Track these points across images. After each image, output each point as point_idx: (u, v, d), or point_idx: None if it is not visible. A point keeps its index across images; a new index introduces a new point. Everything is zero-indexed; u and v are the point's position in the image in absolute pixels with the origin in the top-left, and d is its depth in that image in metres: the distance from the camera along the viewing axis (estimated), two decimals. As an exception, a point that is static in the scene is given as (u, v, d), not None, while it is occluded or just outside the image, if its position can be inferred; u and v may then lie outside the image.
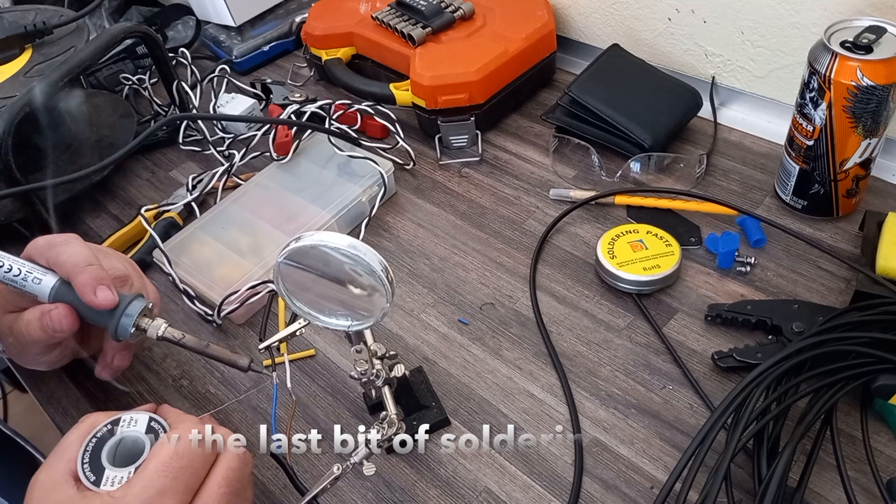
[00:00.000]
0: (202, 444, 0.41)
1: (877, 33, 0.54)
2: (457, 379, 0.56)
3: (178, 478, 0.39)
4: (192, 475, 0.40)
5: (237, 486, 0.41)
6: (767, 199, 0.66)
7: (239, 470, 0.42)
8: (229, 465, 0.42)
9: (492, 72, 0.74)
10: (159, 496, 0.38)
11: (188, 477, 0.40)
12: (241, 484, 0.42)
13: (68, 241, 0.50)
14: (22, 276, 0.48)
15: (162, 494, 0.38)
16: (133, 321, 0.48)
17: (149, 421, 0.43)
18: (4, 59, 0.75)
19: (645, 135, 0.69)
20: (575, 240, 0.65)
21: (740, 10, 0.70)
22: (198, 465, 0.40)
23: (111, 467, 0.40)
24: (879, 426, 0.49)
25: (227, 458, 0.42)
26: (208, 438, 0.42)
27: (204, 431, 0.42)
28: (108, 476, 0.40)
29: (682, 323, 0.57)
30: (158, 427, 0.43)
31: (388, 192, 0.71)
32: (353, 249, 0.41)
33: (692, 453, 0.44)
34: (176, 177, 0.80)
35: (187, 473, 0.40)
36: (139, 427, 0.43)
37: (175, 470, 0.39)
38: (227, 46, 0.96)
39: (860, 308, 0.51)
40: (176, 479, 0.39)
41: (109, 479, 0.40)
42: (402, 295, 0.63)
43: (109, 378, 0.54)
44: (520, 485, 0.49)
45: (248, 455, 0.43)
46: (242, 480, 0.42)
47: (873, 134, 0.56)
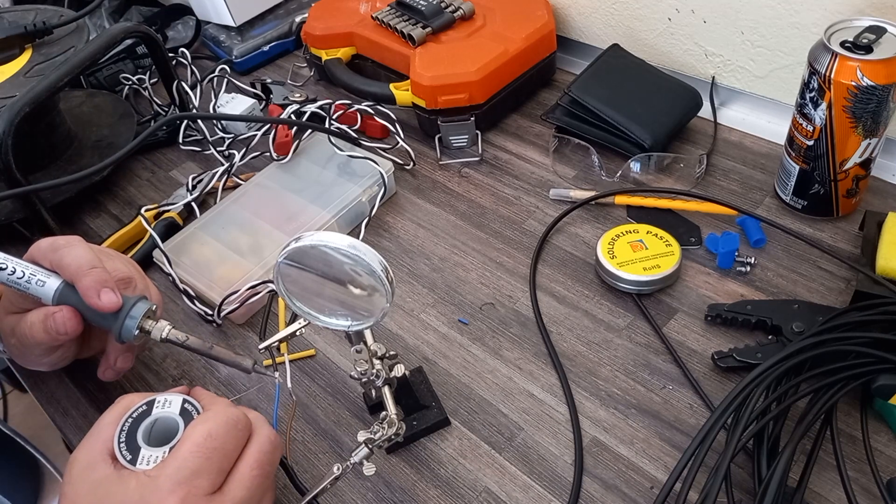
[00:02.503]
0: (234, 426, 0.41)
1: (877, 33, 0.54)
2: (457, 379, 0.56)
3: (212, 458, 0.39)
4: (224, 456, 0.40)
5: (268, 469, 0.42)
6: (767, 199, 0.66)
7: (270, 453, 0.42)
8: (261, 448, 0.42)
9: (492, 72, 0.74)
10: (193, 476, 0.38)
11: (221, 458, 0.40)
12: (271, 467, 0.42)
13: (71, 244, 0.50)
14: (25, 278, 0.48)
15: (196, 475, 0.39)
16: (137, 323, 0.48)
17: (182, 402, 0.43)
18: (4, 59, 0.75)
19: (645, 135, 0.69)
20: (575, 240, 0.65)
21: (740, 10, 0.70)
22: (230, 447, 0.41)
23: (146, 447, 0.41)
24: (879, 426, 0.49)
25: (259, 440, 0.42)
26: (241, 420, 0.42)
27: (237, 414, 0.42)
28: (144, 455, 0.40)
29: (682, 323, 0.57)
30: (192, 408, 0.43)
31: (388, 192, 0.71)
32: (353, 249, 0.41)
33: (692, 453, 0.44)
34: (176, 177, 0.80)
35: (220, 454, 0.40)
36: (173, 408, 0.43)
37: (208, 451, 0.39)
38: (227, 46, 0.96)
39: (860, 308, 0.51)
40: (209, 459, 0.39)
41: (145, 459, 0.40)
42: (402, 295, 0.63)
43: (112, 379, 0.54)
44: (520, 485, 0.49)
45: (278, 438, 0.44)
46: (273, 463, 0.43)
47: (873, 134, 0.56)
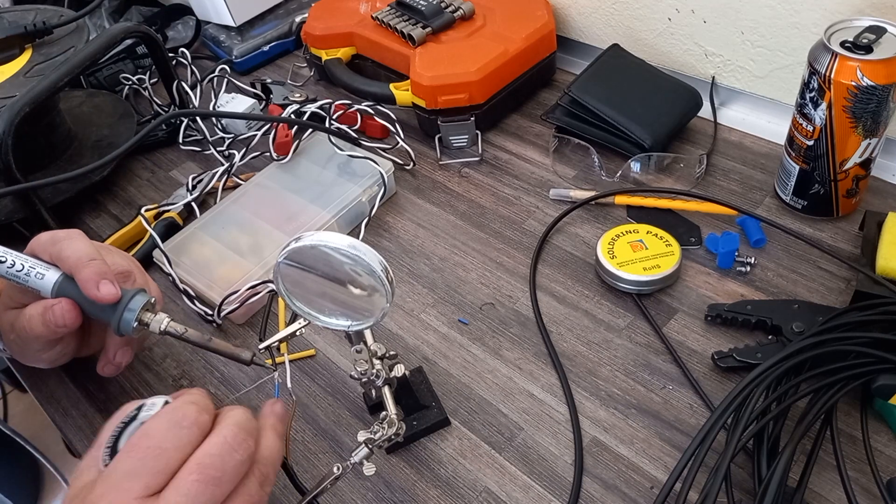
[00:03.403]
0: (176, 423, 0.37)
1: (877, 33, 0.54)
2: (457, 379, 0.56)
3: (145, 459, 0.36)
4: (159, 456, 0.36)
5: (214, 475, 0.36)
6: (767, 199, 0.66)
7: (218, 457, 0.36)
8: (206, 450, 0.37)
9: (492, 72, 0.74)
10: (124, 478, 0.35)
11: (155, 458, 0.36)
12: (219, 472, 0.36)
13: (71, 237, 0.50)
14: (25, 271, 0.48)
15: (127, 476, 0.35)
16: (136, 315, 0.48)
17: (163, 404, 0.40)
18: (4, 59, 0.75)
19: (645, 135, 0.69)
20: (575, 240, 0.65)
21: (740, 10, 0.70)
22: (168, 445, 0.36)
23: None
24: (879, 426, 0.49)
25: (209, 441, 0.37)
26: (187, 418, 0.37)
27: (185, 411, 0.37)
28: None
29: (682, 323, 0.57)
30: None
31: (388, 192, 0.71)
32: (353, 249, 0.41)
33: (692, 453, 0.44)
34: (176, 177, 0.80)
35: (154, 454, 0.36)
36: (155, 410, 0.40)
37: (141, 450, 0.36)
38: (227, 46, 0.96)
39: (860, 308, 0.51)
40: (142, 460, 0.36)
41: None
42: (402, 295, 0.63)
43: (111, 375, 0.54)
44: (520, 485, 0.49)
45: (237, 439, 0.38)
46: (224, 469, 0.36)
47: (873, 134, 0.56)
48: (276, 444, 0.41)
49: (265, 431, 0.41)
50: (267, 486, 0.39)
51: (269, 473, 0.40)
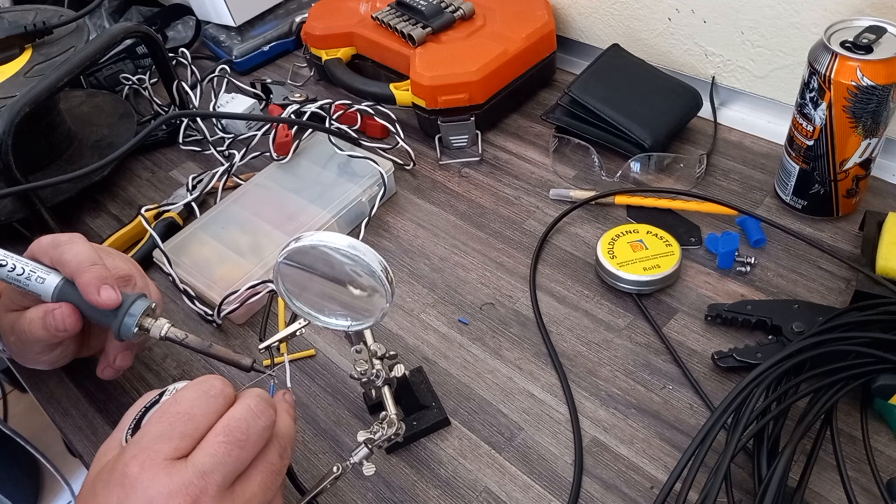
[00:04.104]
0: (205, 393, 0.39)
1: (877, 33, 0.54)
2: (457, 379, 0.56)
3: (175, 423, 0.38)
4: (188, 421, 0.38)
5: (239, 437, 0.38)
6: (767, 199, 0.66)
7: (244, 421, 0.39)
8: (232, 415, 0.39)
9: (492, 72, 0.74)
10: (154, 441, 0.37)
11: (185, 423, 0.38)
12: (244, 436, 0.38)
13: (72, 241, 0.50)
14: (25, 275, 0.48)
15: (157, 439, 0.37)
16: (136, 321, 0.48)
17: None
18: (4, 59, 0.75)
19: (645, 135, 0.69)
20: (575, 240, 0.65)
21: (740, 10, 0.70)
22: (197, 412, 0.38)
23: None
24: (879, 426, 0.49)
25: (235, 408, 0.40)
26: (215, 388, 0.40)
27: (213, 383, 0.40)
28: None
29: (682, 323, 0.57)
30: None
31: (388, 192, 0.71)
32: (353, 250, 0.41)
33: (692, 453, 0.44)
34: (176, 177, 0.80)
35: (183, 419, 0.38)
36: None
37: (171, 415, 0.38)
38: (227, 46, 0.96)
39: (860, 308, 0.51)
40: (172, 424, 0.38)
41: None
42: (402, 295, 0.63)
43: (111, 378, 0.54)
44: (520, 485, 0.49)
45: (260, 407, 0.40)
46: (249, 433, 0.39)
47: (873, 134, 0.56)
48: (291, 423, 0.43)
49: (280, 412, 0.43)
50: (285, 458, 0.41)
51: (286, 447, 0.42)
